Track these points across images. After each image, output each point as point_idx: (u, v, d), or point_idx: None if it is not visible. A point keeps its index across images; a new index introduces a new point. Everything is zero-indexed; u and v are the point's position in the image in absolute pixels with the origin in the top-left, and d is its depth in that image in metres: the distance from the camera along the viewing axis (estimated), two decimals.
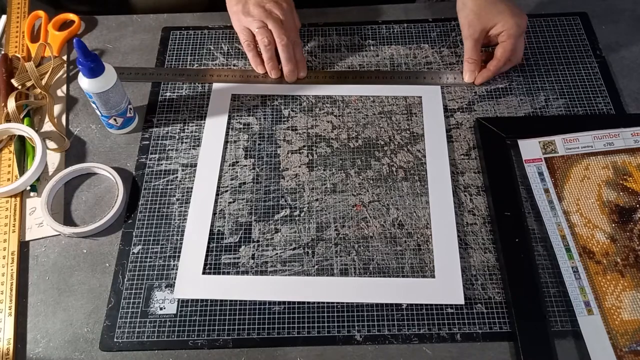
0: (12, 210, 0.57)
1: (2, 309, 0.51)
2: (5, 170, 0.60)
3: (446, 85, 0.66)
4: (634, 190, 0.56)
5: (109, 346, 0.50)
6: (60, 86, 0.67)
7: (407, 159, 0.61)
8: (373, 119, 0.64)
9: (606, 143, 0.59)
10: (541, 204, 0.56)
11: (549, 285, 0.52)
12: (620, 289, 0.51)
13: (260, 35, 0.64)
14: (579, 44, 0.69)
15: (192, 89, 0.67)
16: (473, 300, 0.52)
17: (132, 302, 0.52)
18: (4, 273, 0.53)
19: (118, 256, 0.55)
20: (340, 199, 0.58)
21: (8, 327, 0.51)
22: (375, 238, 0.56)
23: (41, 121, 0.64)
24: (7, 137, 0.62)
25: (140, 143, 0.62)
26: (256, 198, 0.58)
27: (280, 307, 0.52)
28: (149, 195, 0.59)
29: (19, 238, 0.56)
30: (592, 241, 0.53)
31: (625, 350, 0.48)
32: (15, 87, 0.65)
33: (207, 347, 0.50)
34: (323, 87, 0.66)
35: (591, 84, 0.65)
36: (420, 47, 0.70)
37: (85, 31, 0.73)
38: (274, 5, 0.65)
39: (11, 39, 0.71)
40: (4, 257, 0.54)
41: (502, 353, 0.49)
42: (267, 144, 0.62)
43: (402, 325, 0.51)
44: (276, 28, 0.63)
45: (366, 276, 0.53)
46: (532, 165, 0.58)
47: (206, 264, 0.54)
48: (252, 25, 0.64)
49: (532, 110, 0.64)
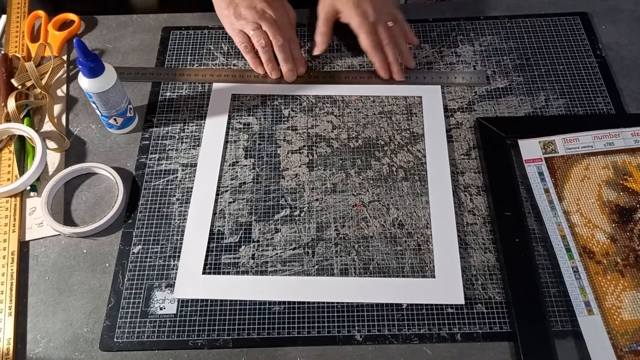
0: (12, 210, 0.57)
1: (2, 309, 0.51)
2: (5, 170, 0.60)
3: (446, 84, 0.66)
4: (634, 190, 0.56)
5: (109, 346, 0.50)
6: (60, 86, 0.67)
7: (407, 158, 0.61)
8: (373, 118, 0.64)
9: (606, 143, 0.59)
10: (541, 203, 0.56)
11: (549, 285, 0.52)
12: (621, 289, 0.51)
13: (256, 37, 0.64)
14: (579, 44, 0.69)
15: (192, 89, 0.67)
16: (473, 300, 0.52)
17: (132, 302, 0.52)
18: (3, 273, 0.53)
19: (118, 256, 0.55)
20: (341, 198, 0.58)
21: (8, 327, 0.51)
22: (376, 238, 0.56)
23: (41, 121, 0.64)
24: (7, 137, 0.62)
25: (140, 143, 0.62)
26: (256, 198, 0.58)
27: (281, 307, 0.52)
28: (149, 195, 0.59)
29: (19, 238, 0.55)
30: (592, 241, 0.53)
31: (626, 350, 0.48)
32: (15, 87, 0.65)
33: (207, 347, 0.50)
34: (323, 87, 0.66)
35: (591, 84, 0.65)
36: (421, 47, 0.70)
37: (85, 31, 0.73)
38: (266, 5, 0.64)
39: (11, 38, 0.71)
40: (4, 257, 0.54)
41: (502, 353, 0.49)
42: (267, 144, 0.62)
43: (402, 325, 0.51)
44: (271, 29, 0.63)
45: (366, 276, 0.53)
46: (532, 165, 0.58)
47: (206, 264, 0.54)
48: (247, 27, 0.64)
49: (532, 110, 0.64)
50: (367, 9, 0.63)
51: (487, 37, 0.70)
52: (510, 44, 0.69)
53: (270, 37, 0.64)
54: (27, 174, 0.58)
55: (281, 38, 0.63)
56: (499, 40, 0.70)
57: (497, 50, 0.69)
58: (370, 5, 0.63)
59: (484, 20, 0.72)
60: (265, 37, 0.64)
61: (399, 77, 0.65)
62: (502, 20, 0.72)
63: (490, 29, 0.71)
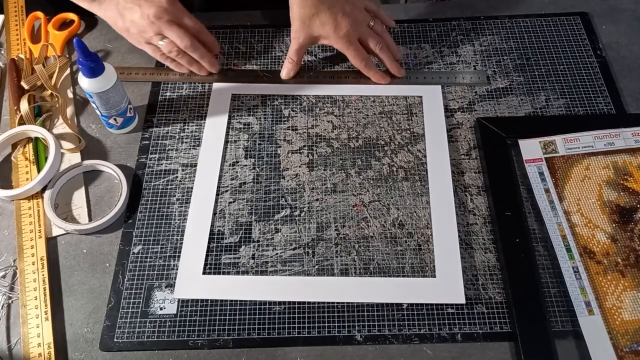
0: (36, 217, 0.57)
1: (38, 314, 0.51)
2: (24, 171, 0.60)
3: (447, 84, 0.66)
4: (634, 190, 0.56)
5: (109, 346, 0.50)
6: (68, 86, 0.67)
7: (407, 158, 0.61)
8: (373, 118, 0.64)
9: (607, 143, 0.59)
10: (542, 203, 0.56)
11: (550, 285, 0.52)
12: (621, 289, 0.51)
13: (166, 48, 0.63)
14: (580, 44, 0.69)
15: (192, 89, 0.67)
16: (473, 300, 0.52)
17: (132, 302, 0.52)
18: (35, 279, 0.53)
19: (118, 256, 0.55)
20: (341, 198, 0.58)
21: (47, 332, 0.50)
22: (376, 238, 0.56)
23: (52, 122, 0.64)
24: (25, 140, 0.62)
25: (140, 143, 0.62)
26: (256, 198, 0.58)
27: (281, 307, 0.52)
28: (149, 195, 0.59)
29: (46, 243, 0.55)
30: (592, 241, 0.53)
31: (626, 350, 0.48)
32: (26, 89, 0.65)
33: (207, 347, 0.50)
34: (323, 87, 0.66)
35: (592, 84, 0.65)
36: (421, 47, 0.70)
37: (85, 31, 0.73)
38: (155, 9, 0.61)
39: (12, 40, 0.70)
40: (34, 262, 0.54)
41: (502, 353, 0.49)
42: (267, 144, 0.62)
43: (402, 325, 0.51)
44: (173, 33, 0.62)
45: (366, 276, 0.53)
46: (533, 165, 0.58)
47: (206, 264, 0.54)
48: (154, 40, 0.63)
49: (532, 110, 0.64)
50: (346, 27, 0.61)
51: (487, 37, 0.70)
52: (510, 43, 0.69)
53: (177, 43, 0.63)
54: (41, 174, 0.58)
55: (186, 39, 0.62)
56: (499, 40, 0.70)
57: (498, 50, 0.69)
58: (348, 20, 0.61)
59: (484, 20, 0.72)
60: (173, 44, 0.63)
61: (400, 74, 0.65)
62: (502, 20, 0.72)
63: (491, 29, 0.71)
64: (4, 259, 0.55)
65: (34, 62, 0.67)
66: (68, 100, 0.66)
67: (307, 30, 0.63)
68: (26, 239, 0.55)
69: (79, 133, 0.63)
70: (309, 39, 0.64)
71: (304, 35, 0.63)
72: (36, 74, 0.65)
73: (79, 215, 0.57)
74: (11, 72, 0.66)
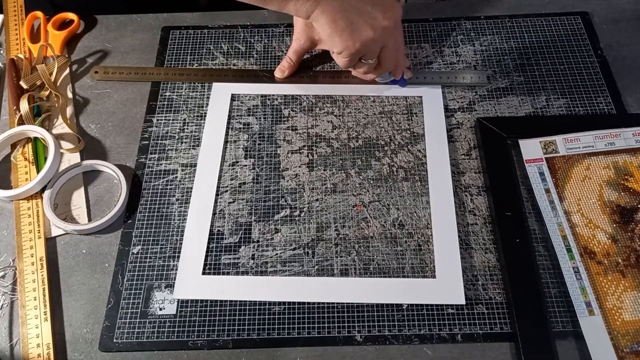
0: (35, 217, 0.57)
1: (37, 314, 0.51)
2: (23, 171, 0.60)
3: (447, 84, 0.66)
4: (635, 191, 0.56)
5: (109, 347, 0.50)
6: (67, 86, 0.67)
7: (407, 159, 0.60)
8: (373, 118, 0.64)
9: (607, 143, 0.59)
10: (542, 204, 0.56)
11: (550, 285, 0.52)
12: (622, 289, 0.51)
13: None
14: (580, 44, 0.69)
15: (192, 88, 0.66)
16: (474, 300, 0.52)
17: (132, 302, 0.52)
18: (34, 279, 0.53)
19: (117, 256, 0.55)
20: (341, 199, 0.58)
21: (46, 333, 0.50)
22: (376, 238, 0.55)
23: (51, 122, 0.64)
24: (24, 140, 0.62)
25: (139, 143, 0.62)
26: (256, 198, 0.58)
27: (281, 308, 0.52)
28: (149, 195, 0.58)
29: (45, 244, 0.55)
30: (593, 241, 0.53)
31: (627, 351, 0.48)
32: (25, 89, 0.64)
33: (207, 348, 0.50)
34: (323, 87, 0.66)
35: (592, 84, 0.65)
36: (421, 47, 0.70)
37: (84, 30, 0.72)
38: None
39: (11, 40, 0.70)
40: (33, 263, 0.54)
41: (502, 354, 0.49)
42: (267, 144, 0.62)
43: (402, 326, 0.51)
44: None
45: (366, 276, 0.53)
46: (533, 165, 0.58)
47: (206, 264, 0.54)
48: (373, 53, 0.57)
49: (532, 110, 0.63)
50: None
51: (487, 36, 0.70)
52: (510, 43, 0.69)
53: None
54: (40, 174, 0.58)
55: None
56: (500, 40, 0.70)
57: (498, 50, 0.69)
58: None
59: (484, 19, 0.72)
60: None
61: (409, 75, 0.65)
62: (502, 20, 0.71)
63: (491, 29, 0.71)
64: (4, 259, 0.55)
65: (34, 62, 0.67)
66: (68, 100, 0.66)
67: (309, 32, 0.63)
68: (25, 239, 0.55)
69: (78, 133, 0.63)
70: (310, 42, 0.65)
71: (305, 37, 0.64)
72: (36, 73, 0.65)
73: (78, 215, 0.57)
74: (10, 72, 0.66)
